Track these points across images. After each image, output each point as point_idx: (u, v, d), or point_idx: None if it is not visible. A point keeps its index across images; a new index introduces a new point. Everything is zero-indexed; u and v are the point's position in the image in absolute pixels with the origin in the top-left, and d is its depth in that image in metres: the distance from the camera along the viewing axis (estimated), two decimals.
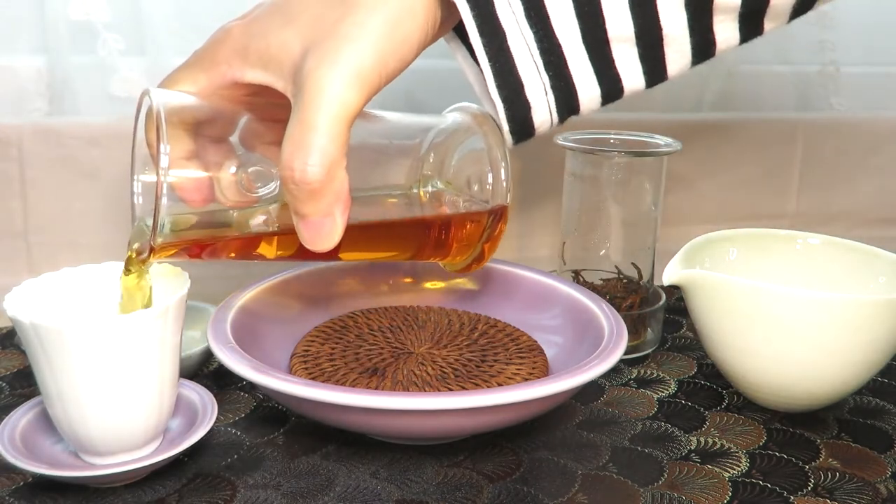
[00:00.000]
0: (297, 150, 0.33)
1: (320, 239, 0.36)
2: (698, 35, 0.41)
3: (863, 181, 0.82)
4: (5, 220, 0.61)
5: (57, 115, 0.63)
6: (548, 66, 0.40)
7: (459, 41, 0.42)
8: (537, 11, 0.39)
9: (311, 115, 0.33)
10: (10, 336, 0.55)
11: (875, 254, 0.51)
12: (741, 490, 0.40)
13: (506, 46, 0.39)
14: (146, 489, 0.39)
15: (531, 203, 0.73)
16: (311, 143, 0.33)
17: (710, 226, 0.65)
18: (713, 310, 0.46)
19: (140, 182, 0.39)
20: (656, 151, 0.54)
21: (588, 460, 0.42)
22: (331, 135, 0.34)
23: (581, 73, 0.41)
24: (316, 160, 0.33)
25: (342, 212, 0.36)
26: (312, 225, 0.35)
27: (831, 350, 0.43)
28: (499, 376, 0.45)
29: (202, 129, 0.39)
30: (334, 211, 0.35)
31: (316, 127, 0.33)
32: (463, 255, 0.45)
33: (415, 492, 0.39)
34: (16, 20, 0.61)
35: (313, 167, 0.33)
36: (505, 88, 0.39)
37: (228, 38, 0.38)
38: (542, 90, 0.40)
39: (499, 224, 0.44)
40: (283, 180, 0.34)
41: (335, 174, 0.34)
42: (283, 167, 0.34)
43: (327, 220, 0.35)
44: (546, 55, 0.40)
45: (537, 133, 0.42)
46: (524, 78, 0.39)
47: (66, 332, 0.35)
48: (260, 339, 0.46)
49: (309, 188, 0.34)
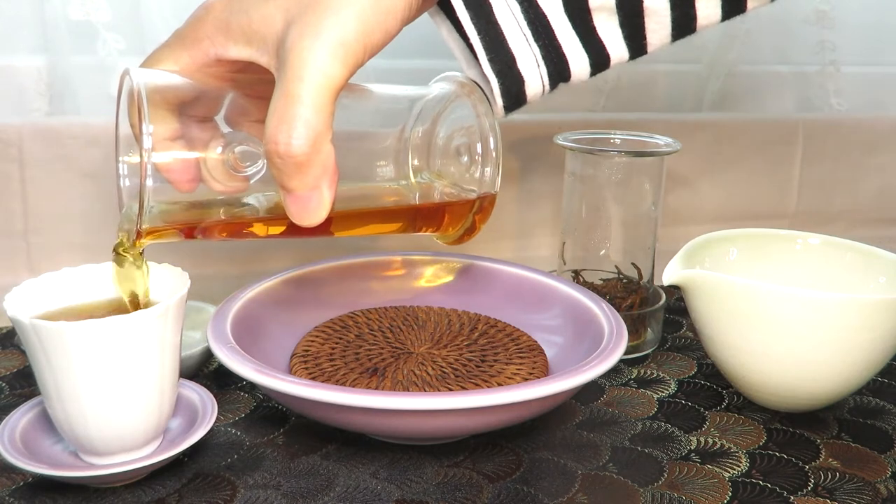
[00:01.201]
0: (281, 122, 0.33)
1: (308, 213, 0.35)
2: (680, 9, 0.41)
3: (863, 181, 0.82)
4: (5, 220, 0.61)
5: (57, 115, 0.63)
6: (537, 37, 0.39)
7: (444, 15, 0.41)
8: None
9: (295, 87, 0.33)
10: (10, 336, 0.55)
11: (875, 254, 0.51)
12: (741, 490, 0.40)
13: (493, 19, 0.38)
14: (146, 489, 0.39)
15: (531, 203, 0.73)
16: (296, 115, 0.33)
17: (710, 226, 0.65)
18: (713, 310, 0.46)
19: (125, 164, 0.38)
20: (656, 151, 0.54)
21: (588, 460, 0.42)
22: (315, 106, 0.33)
23: (569, 43, 0.40)
24: (301, 133, 0.33)
25: (329, 185, 0.35)
26: (299, 199, 0.35)
27: (831, 350, 0.43)
28: (499, 376, 0.45)
29: (186, 109, 0.38)
30: (321, 184, 0.34)
31: (300, 99, 0.33)
32: (455, 227, 0.44)
33: (415, 492, 0.39)
34: (16, 20, 0.61)
35: (298, 140, 0.33)
36: (497, 62, 0.39)
37: (210, 15, 0.37)
38: (535, 62, 0.40)
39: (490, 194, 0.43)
40: (267, 155, 0.34)
41: (321, 147, 0.34)
42: (267, 141, 0.33)
43: (314, 194, 0.34)
44: (533, 26, 0.39)
45: (529, 100, 0.41)
46: (515, 50, 0.39)
47: (66, 332, 0.35)
48: (260, 339, 0.46)
49: (294, 161, 0.33)
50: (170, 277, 0.41)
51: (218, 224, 0.39)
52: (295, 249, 0.67)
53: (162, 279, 0.41)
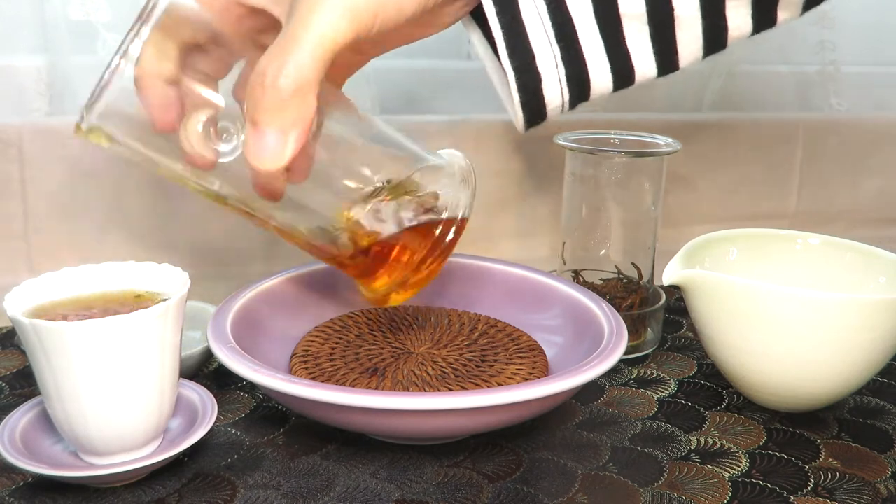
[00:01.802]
0: (275, 59, 0.33)
1: (266, 154, 0.34)
2: (710, 19, 0.41)
3: (863, 181, 0.82)
4: (5, 220, 0.61)
5: (57, 115, 0.63)
6: (559, 38, 0.40)
7: (476, 24, 0.43)
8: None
9: (298, 32, 0.33)
10: (10, 336, 0.55)
11: (875, 254, 0.51)
12: (741, 490, 0.40)
13: (518, 16, 0.39)
14: (146, 489, 0.39)
15: (531, 203, 0.73)
16: (292, 55, 0.33)
17: (710, 226, 0.65)
18: (713, 310, 0.46)
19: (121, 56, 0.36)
20: (656, 151, 0.54)
21: (588, 460, 0.42)
22: (313, 55, 0.33)
23: (592, 49, 0.41)
24: (290, 72, 0.33)
25: (297, 138, 0.34)
26: (263, 136, 0.34)
27: (831, 350, 0.43)
28: (499, 376, 0.45)
29: (195, 59, 0.37)
30: (289, 131, 0.34)
31: (300, 43, 0.33)
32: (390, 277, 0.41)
33: (415, 492, 0.39)
34: (16, 20, 0.61)
35: (286, 79, 0.33)
36: (516, 58, 0.40)
37: None
38: (553, 61, 0.40)
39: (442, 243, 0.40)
40: (251, 85, 0.33)
41: (305, 95, 0.33)
42: (256, 72, 0.33)
43: (279, 138, 0.34)
44: (558, 27, 0.40)
45: (548, 111, 0.42)
46: (535, 48, 0.40)
47: (66, 332, 0.35)
48: (260, 339, 0.46)
49: (276, 96, 0.33)
50: (170, 277, 0.41)
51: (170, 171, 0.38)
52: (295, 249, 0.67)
53: (162, 279, 0.41)
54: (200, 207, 0.65)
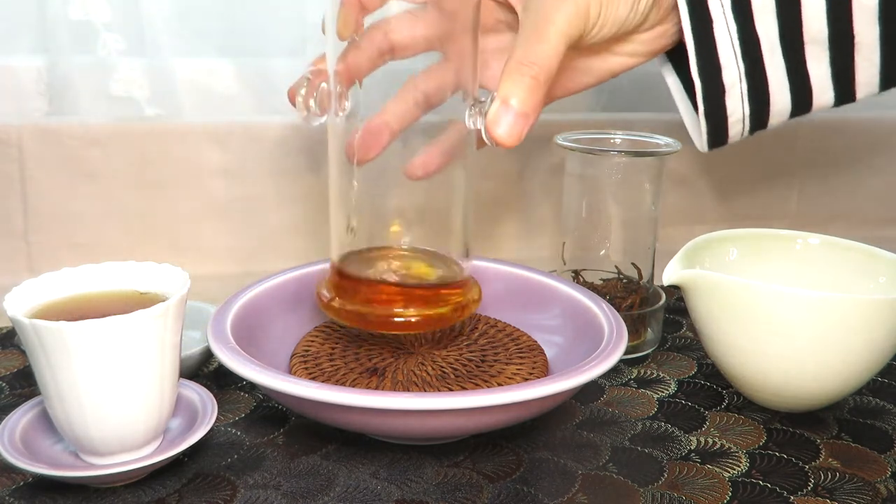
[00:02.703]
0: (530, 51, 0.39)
1: (514, 131, 0.39)
2: (890, 44, 0.45)
3: (863, 181, 0.82)
4: (5, 220, 0.61)
5: (57, 115, 0.63)
6: (745, 56, 0.45)
7: (669, 62, 0.50)
8: (743, 8, 0.44)
9: (548, 29, 0.40)
10: (10, 336, 0.55)
11: (875, 254, 0.51)
12: (741, 490, 0.40)
13: (711, 32, 0.44)
14: (146, 489, 0.39)
15: (531, 203, 0.73)
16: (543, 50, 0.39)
17: (710, 226, 0.65)
18: (713, 310, 0.46)
19: None
20: (656, 151, 0.54)
21: (588, 460, 0.42)
22: (557, 52, 0.40)
23: (774, 68, 0.46)
24: (545, 65, 0.39)
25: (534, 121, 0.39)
26: (514, 115, 0.38)
27: (831, 350, 0.43)
28: (499, 376, 0.45)
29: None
30: (532, 115, 0.39)
31: (549, 40, 0.40)
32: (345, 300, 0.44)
33: (415, 492, 0.39)
34: (16, 20, 0.61)
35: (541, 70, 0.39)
36: (705, 70, 0.45)
37: None
38: (738, 76, 0.45)
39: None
40: (510, 71, 0.39)
41: (546, 86, 0.40)
42: (516, 61, 0.39)
43: (527, 119, 0.39)
44: (745, 46, 0.45)
45: (729, 125, 0.47)
46: (723, 62, 0.45)
47: (66, 332, 0.35)
48: (260, 339, 0.46)
49: (533, 85, 0.39)
50: (170, 277, 0.41)
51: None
52: (295, 249, 0.67)
53: (162, 279, 0.41)
54: (200, 207, 0.65)
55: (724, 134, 0.48)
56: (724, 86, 0.46)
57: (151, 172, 0.63)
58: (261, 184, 0.66)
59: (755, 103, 0.47)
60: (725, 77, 0.45)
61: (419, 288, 0.44)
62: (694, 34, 0.45)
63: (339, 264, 0.45)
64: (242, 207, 0.66)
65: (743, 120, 0.47)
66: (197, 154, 0.64)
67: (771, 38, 0.45)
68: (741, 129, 0.48)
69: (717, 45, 0.45)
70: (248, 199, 0.66)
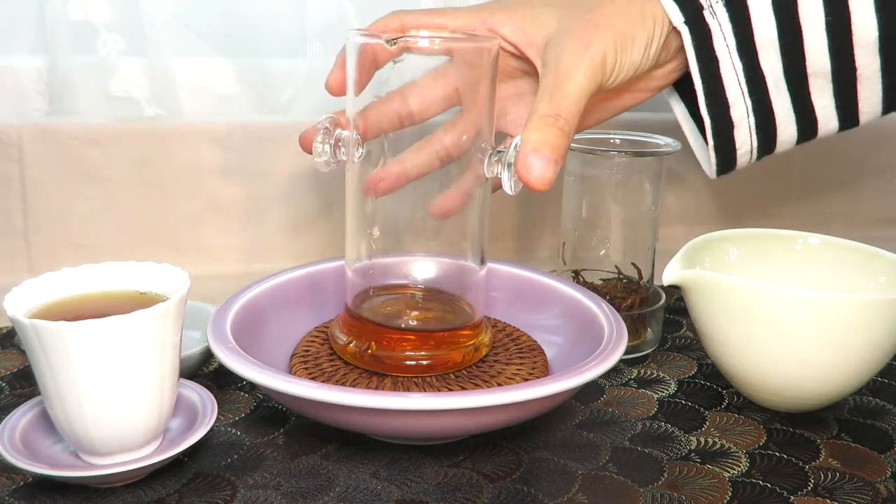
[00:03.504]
0: (555, 104, 0.41)
1: (546, 176, 0.40)
2: (890, 77, 0.47)
3: (863, 181, 0.82)
4: (5, 220, 0.61)
5: (57, 115, 0.63)
6: (751, 93, 0.47)
7: (677, 93, 0.52)
8: (747, 47, 0.46)
9: (568, 85, 0.42)
10: (10, 336, 0.55)
11: (875, 254, 0.51)
12: (741, 490, 0.40)
13: (717, 72, 0.46)
14: (146, 489, 0.39)
15: (531, 203, 0.73)
16: (567, 103, 0.41)
17: (710, 226, 0.65)
18: (713, 310, 0.46)
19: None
20: (656, 151, 0.54)
21: (588, 460, 0.42)
22: (579, 105, 0.42)
23: (780, 103, 0.48)
24: (570, 117, 0.41)
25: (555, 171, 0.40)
26: (545, 162, 0.40)
27: (831, 350, 0.43)
28: (499, 376, 0.45)
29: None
30: (559, 162, 0.40)
31: (571, 94, 0.41)
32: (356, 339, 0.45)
33: (415, 492, 0.39)
34: (16, 20, 0.61)
35: (567, 122, 0.41)
36: (713, 108, 0.47)
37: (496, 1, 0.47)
38: (745, 112, 0.47)
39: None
40: (537, 122, 0.40)
41: (570, 135, 0.41)
42: (544, 114, 0.41)
43: (555, 166, 0.40)
44: (751, 84, 0.47)
45: (738, 156, 0.49)
46: (731, 99, 0.47)
47: (66, 332, 0.35)
48: (260, 339, 0.46)
49: (561, 136, 0.40)
50: (170, 277, 0.41)
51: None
52: (295, 249, 0.67)
53: (162, 279, 0.41)
54: (200, 207, 0.65)
55: (733, 163, 0.50)
56: (733, 121, 0.47)
57: (151, 172, 0.63)
58: (261, 184, 0.66)
59: (763, 135, 0.48)
60: (734, 113, 0.47)
61: (432, 331, 0.46)
62: (701, 74, 0.46)
63: (354, 306, 0.46)
64: (242, 207, 0.66)
65: (751, 151, 0.49)
66: (197, 154, 0.64)
67: (776, 74, 0.47)
68: (749, 159, 0.50)
69: (724, 84, 0.46)
70: (248, 199, 0.66)
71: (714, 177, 0.51)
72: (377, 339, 0.45)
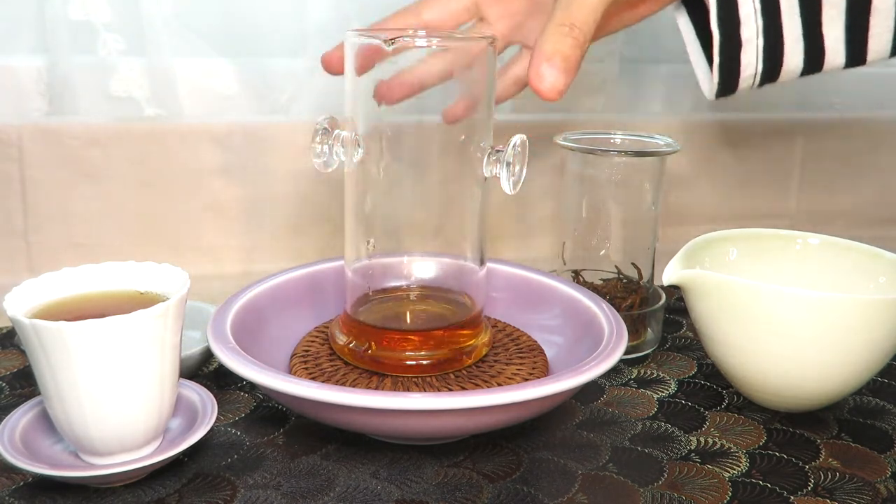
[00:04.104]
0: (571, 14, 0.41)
1: (558, 85, 0.40)
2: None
3: (863, 181, 0.82)
4: (5, 220, 0.61)
5: (57, 115, 0.63)
6: (764, 13, 0.47)
7: (684, 7, 0.51)
8: None
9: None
10: (10, 336, 0.55)
11: (875, 254, 0.51)
12: (741, 490, 0.40)
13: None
14: (146, 489, 0.39)
15: (531, 203, 0.73)
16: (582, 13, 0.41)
17: (710, 226, 0.65)
18: (713, 310, 0.46)
19: None
20: (656, 151, 0.54)
21: (588, 460, 0.42)
22: (595, 15, 0.42)
23: (790, 28, 0.48)
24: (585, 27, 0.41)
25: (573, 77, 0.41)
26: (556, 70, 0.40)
27: (831, 350, 0.43)
28: (499, 376, 0.45)
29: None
30: (573, 71, 0.40)
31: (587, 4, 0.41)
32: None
33: (415, 492, 0.39)
34: (16, 20, 0.61)
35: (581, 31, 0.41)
36: (724, 24, 0.47)
37: None
38: (755, 32, 0.47)
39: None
40: (551, 31, 0.40)
41: (585, 43, 0.41)
42: (557, 23, 0.40)
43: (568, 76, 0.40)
44: (764, 3, 0.47)
45: (741, 79, 0.49)
46: (742, 17, 0.47)
47: (66, 332, 0.35)
48: (260, 339, 0.46)
49: (574, 44, 0.40)
50: (170, 277, 0.41)
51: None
52: (295, 249, 0.67)
53: (162, 279, 0.41)
54: (200, 207, 0.65)
55: (735, 85, 0.49)
56: (742, 40, 0.47)
57: (151, 172, 0.63)
58: (261, 184, 0.66)
59: (769, 60, 0.48)
60: (743, 32, 0.47)
61: (432, 331, 0.46)
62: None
63: (354, 306, 0.46)
64: (242, 207, 0.66)
65: (755, 75, 0.49)
66: (197, 154, 0.64)
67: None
68: (752, 83, 0.49)
69: (738, 1, 0.46)
70: (248, 199, 0.66)
71: (712, 97, 0.51)
72: (377, 340, 0.45)
